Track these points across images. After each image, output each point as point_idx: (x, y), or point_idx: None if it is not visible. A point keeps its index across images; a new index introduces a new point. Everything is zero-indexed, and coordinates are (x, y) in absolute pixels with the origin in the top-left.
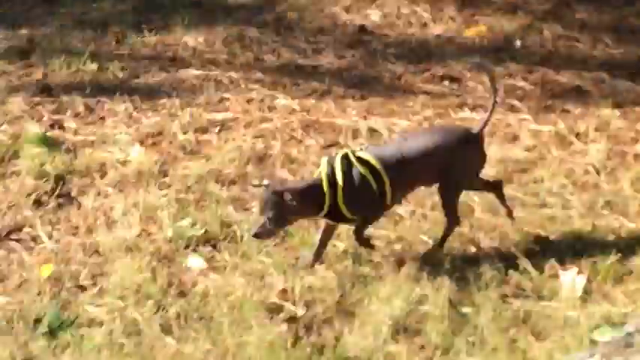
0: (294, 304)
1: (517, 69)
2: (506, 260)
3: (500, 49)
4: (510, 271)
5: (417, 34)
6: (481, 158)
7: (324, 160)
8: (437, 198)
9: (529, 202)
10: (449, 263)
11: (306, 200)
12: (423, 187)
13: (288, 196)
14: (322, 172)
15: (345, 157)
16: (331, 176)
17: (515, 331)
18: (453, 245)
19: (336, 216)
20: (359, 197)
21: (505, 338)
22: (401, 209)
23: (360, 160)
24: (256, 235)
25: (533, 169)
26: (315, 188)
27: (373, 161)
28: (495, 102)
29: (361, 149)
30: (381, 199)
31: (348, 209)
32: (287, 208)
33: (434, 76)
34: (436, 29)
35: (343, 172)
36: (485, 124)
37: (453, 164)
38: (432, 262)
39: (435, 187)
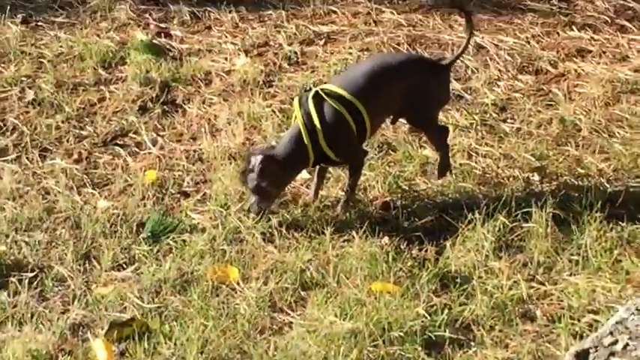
0: (396, 216)
1: None
2: (613, 181)
3: None
4: (615, 192)
5: None
6: (445, 93)
7: (297, 103)
8: (544, 115)
9: (636, 123)
10: (554, 182)
11: (290, 163)
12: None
13: (268, 166)
14: (298, 120)
15: (316, 96)
16: (308, 122)
17: (619, 252)
18: (558, 165)
19: (324, 160)
20: (340, 135)
21: (609, 258)
22: (505, 126)
23: (331, 95)
24: (250, 210)
25: None
26: (294, 145)
27: (346, 94)
28: (468, 42)
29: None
30: (360, 133)
31: (332, 151)
32: (274, 179)
33: None
34: None
35: (318, 113)
36: (455, 59)
37: (423, 89)
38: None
39: None
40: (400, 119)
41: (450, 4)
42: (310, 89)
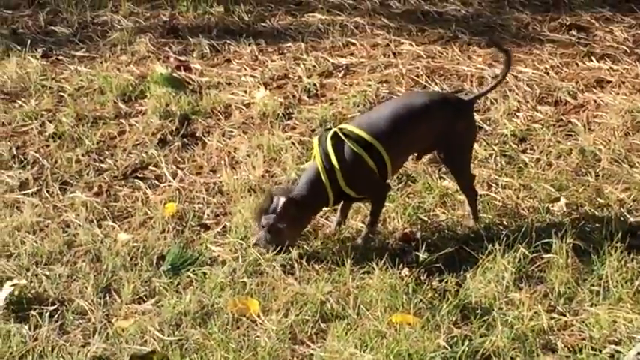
0: (416, 248)
1: None
2: (633, 211)
3: None
4: (636, 222)
5: None
6: (472, 129)
7: (316, 142)
8: (563, 145)
9: None
10: (574, 212)
11: (309, 204)
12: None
13: (291, 212)
14: (317, 161)
15: (335, 136)
16: (326, 162)
17: None
18: (578, 196)
19: (345, 198)
20: (359, 175)
21: (630, 288)
22: (524, 157)
23: (349, 136)
24: (265, 247)
25: None
26: (313, 185)
27: (366, 136)
28: (500, 81)
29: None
30: (381, 171)
31: (352, 189)
32: (292, 221)
33: (561, 24)
34: None
35: (336, 154)
36: (481, 95)
37: (450, 130)
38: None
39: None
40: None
41: (488, 42)
42: (330, 129)
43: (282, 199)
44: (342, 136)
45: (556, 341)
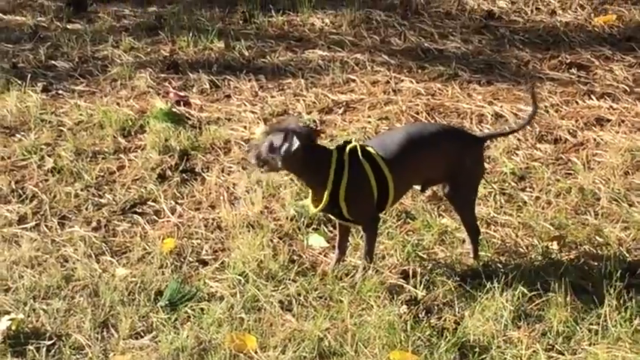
0: (414, 285)
1: None
2: (633, 250)
3: (630, 38)
4: (635, 261)
5: (545, 20)
6: (481, 167)
7: (335, 150)
8: (563, 184)
9: None
10: (573, 250)
11: (312, 159)
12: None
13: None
14: (333, 160)
15: (354, 150)
16: (338, 170)
17: (639, 322)
18: (577, 234)
19: (333, 211)
20: (358, 195)
21: (629, 328)
22: (524, 195)
23: (366, 154)
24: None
25: None
26: (324, 158)
27: (379, 159)
28: (519, 129)
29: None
30: (382, 198)
31: (346, 205)
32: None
33: (561, 63)
34: (565, 17)
35: (350, 166)
36: (494, 136)
37: (458, 165)
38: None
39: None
40: (431, 188)
41: (527, 88)
42: (350, 142)
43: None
44: (359, 152)
45: None
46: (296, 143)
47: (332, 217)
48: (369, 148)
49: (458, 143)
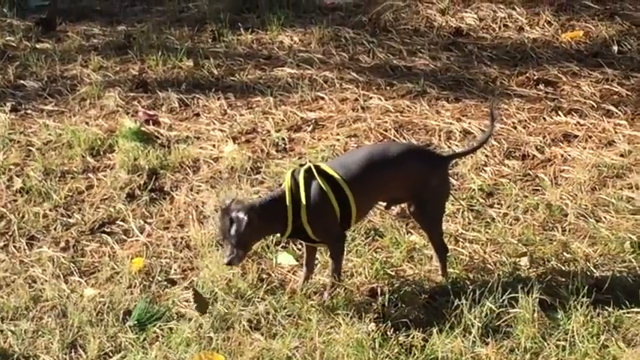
0: (382, 303)
1: (614, 74)
2: (600, 266)
3: (597, 54)
4: (602, 277)
5: (512, 37)
6: (446, 186)
7: (289, 174)
8: (530, 200)
9: (622, 207)
10: (541, 267)
11: (268, 217)
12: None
13: (249, 214)
14: (286, 186)
15: (309, 171)
16: (295, 194)
17: (606, 337)
18: (545, 250)
19: (300, 234)
20: (321, 214)
21: (596, 343)
22: (492, 211)
23: (322, 173)
24: (230, 263)
25: (628, 175)
26: (277, 203)
27: (337, 177)
28: (481, 145)
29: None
30: (345, 217)
31: (310, 227)
32: (249, 227)
33: (529, 79)
34: (532, 33)
35: (306, 187)
36: (459, 155)
37: (423, 184)
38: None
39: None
40: (396, 207)
41: (489, 105)
42: (305, 164)
43: (246, 209)
44: (314, 172)
45: None
46: (243, 218)
47: (300, 241)
48: (326, 168)
49: (423, 163)
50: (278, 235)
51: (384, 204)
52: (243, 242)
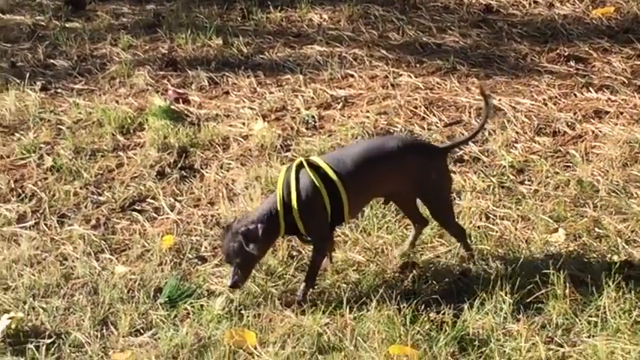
0: (413, 279)
1: None
2: (631, 242)
3: (628, 30)
4: (634, 253)
5: (543, 13)
6: (446, 176)
7: (283, 171)
8: (561, 176)
9: None
10: (572, 243)
11: (269, 228)
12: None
13: (250, 237)
14: (278, 190)
15: (301, 165)
16: (286, 190)
17: (638, 313)
18: (576, 226)
19: (295, 232)
20: (312, 210)
21: (628, 319)
22: (523, 188)
23: (315, 167)
24: (234, 286)
25: None
26: (270, 214)
27: (329, 171)
28: (477, 132)
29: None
30: (336, 213)
31: (302, 223)
32: (252, 243)
33: (560, 55)
34: (563, 9)
35: (297, 181)
36: (455, 145)
37: (423, 177)
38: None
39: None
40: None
41: (478, 87)
42: (296, 159)
43: (241, 228)
44: (306, 165)
45: None
46: (241, 237)
47: (297, 239)
48: (319, 162)
49: (420, 157)
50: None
51: (382, 200)
52: (247, 260)
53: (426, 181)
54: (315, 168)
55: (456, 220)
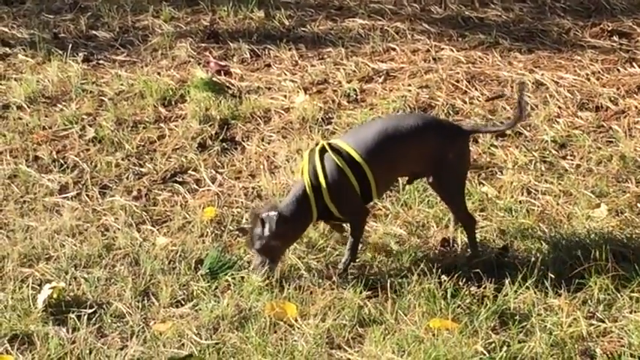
0: (454, 253)
1: None
2: None
3: None
4: None
5: None
6: (465, 159)
7: (306, 157)
8: (604, 151)
9: None
10: (614, 218)
11: (297, 219)
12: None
13: (278, 225)
14: (304, 176)
15: (323, 149)
16: (313, 176)
17: None
18: (619, 202)
19: (328, 215)
20: (342, 192)
21: None
22: (565, 163)
23: (337, 151)
24: (265, 276)
25: None
26: (300, 200)
27: (353, 152)
28: (506, 129)
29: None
30: (365, 192)
31: (335, 206)
32: (282, 237)
33: (603, 30)
34: None
35: (322, 167)
36: (481, 132)
37: (441, 157)
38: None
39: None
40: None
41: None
42: (318, 143)
43: (273, 216)
44: (328, 149)
45: (595, 348)
46: (273, 218)
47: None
48: (340, 143)
49: (439, 136)
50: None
51: (406, 179)
52: (273, 249)
53: (442, 160)
54: (338, 151)
55: (467, 209)
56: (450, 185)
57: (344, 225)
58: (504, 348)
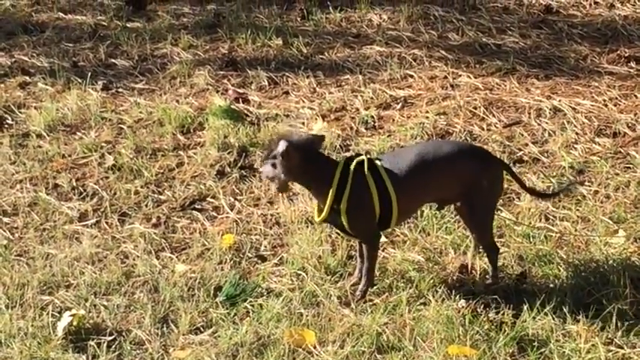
0: (473, 280)
1: None
2: None
3: None
4: None
5: (603, 14)
6: (498, 187)
7: (343, 160)
8: (622, 177)
9: None
10: (632, 244)
11: (314, 168)
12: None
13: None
14: (337, 172)
15: (361, 163)
16: (342, 182)
17: None
18: (637, 228)
19: (335, 222)
20: (360, 209)
21: None
22: (583, 189)
23: (372, 169)
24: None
25: None
26: (328, 168)
27: (385, 177)
28: (533, 194)
29: (378, 159)
30: (385, 215)
31: (346, 219)
32: (293, 162)
33: (620, 56)
34: (623, 10)
35: (353, 179)
36: (512, 173)
37: (475, 184)
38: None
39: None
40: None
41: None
42: (360, 154)
43: (287, 143)
44: (366, 167)
45: None
46: (283, 145)
47: (336, 230)
48: (378, 162)
49: (474, 163)
50: (315, 215)
51: (436, 205)
52: (279, 176)
53: (475, 187)
54: (372, 168)
55: (493, 237)
56: (480, 212)
57: None
58: None
